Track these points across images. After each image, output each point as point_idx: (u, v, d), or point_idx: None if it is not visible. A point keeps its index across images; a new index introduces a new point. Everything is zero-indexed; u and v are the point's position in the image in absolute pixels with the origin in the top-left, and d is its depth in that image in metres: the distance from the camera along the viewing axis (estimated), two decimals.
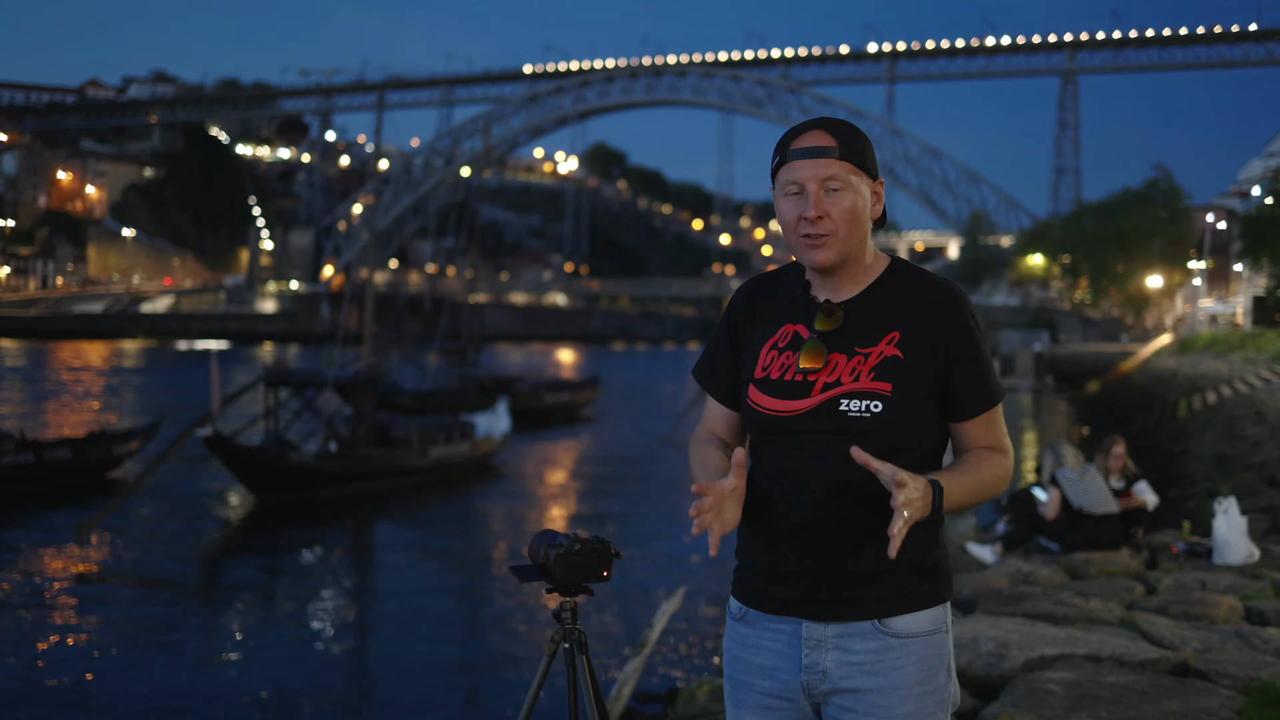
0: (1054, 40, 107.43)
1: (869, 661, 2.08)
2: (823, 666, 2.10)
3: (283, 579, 14.36)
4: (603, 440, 32.30)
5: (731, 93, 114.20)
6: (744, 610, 2.20)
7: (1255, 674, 4.73)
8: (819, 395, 2.08)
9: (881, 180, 2.19)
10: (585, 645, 2.47)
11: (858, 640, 2.08)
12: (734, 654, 2.21)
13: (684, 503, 21.14)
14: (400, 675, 10.00)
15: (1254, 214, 59.52)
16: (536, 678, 2.47)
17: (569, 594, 2.45)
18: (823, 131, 2.12)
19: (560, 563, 2.40)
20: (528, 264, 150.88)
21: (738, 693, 2.21)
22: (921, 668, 2.09)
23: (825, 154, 2.09)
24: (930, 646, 2.11)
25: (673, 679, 8.42)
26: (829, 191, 2.09)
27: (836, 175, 2.09)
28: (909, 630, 2.09)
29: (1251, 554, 7.75)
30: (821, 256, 2.10)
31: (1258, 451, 18.00)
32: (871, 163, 2.14)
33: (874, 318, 2.12)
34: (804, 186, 2.10)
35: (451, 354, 34.60)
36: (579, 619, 2.49)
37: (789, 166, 2.12)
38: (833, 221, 2.09)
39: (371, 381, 21.73)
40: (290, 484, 19.11)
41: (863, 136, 2.14)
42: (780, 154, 2.14)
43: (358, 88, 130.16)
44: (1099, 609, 6.15)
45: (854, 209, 2.10)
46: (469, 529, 18.91)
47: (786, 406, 2.11)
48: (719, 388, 2.29)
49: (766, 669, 2.15)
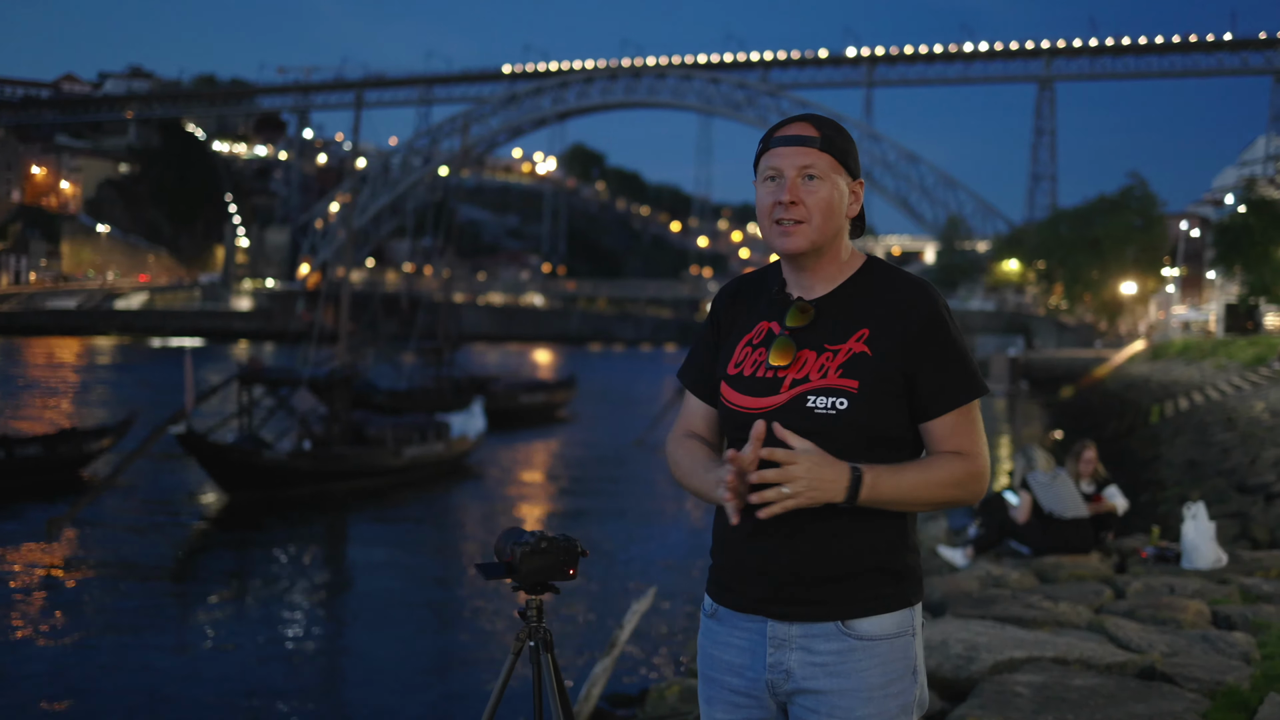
0: (1031, 47, 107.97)
1: (832, 663, 2.08)
2: (786, 666, 2.10)
3: (255, 577, 14.30)
4: (578, 441, 32.29)
5: (710, 95, 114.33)
6: (715, 607, 2.21)
7: (1221, 678, 4.77)
8: (787, 392, 2.09)
9: (861, 181, 2.19)
10: (551, 643, 2.47)
11: (821, 641, 2.08)
12: (706, 650, 2.23)
13: (657, 504, 21.18)
14: (369, 673, 9.98)
15: (1227, 222, 59.98)
16: (501, 675, 2.47)
17: (534, 592, 2.45)
18: (807, 123, 2.14)
19: (526, 561, 2.40)
20: (505, 264, 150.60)
21: (708, 689, 2.22)
22: (885, 670, 2.08)
23: (807, 143, 2.11)
24: (895, 649, 2.10)
25: (642, 680, 8.43)
26: (806, 179, 2.10)
27: (815, 165, 2.10)
28: (873, 633, 2.08)
29: (1219, 559, 7.81)
30: (791, 243, 2.11)
31: (1228, 458, 18.12)
32: (853, 162, 2.16)
33: (845, 315, 2.12)
34: (782, 172, 2.12)
35: (427, 353, 34.52)
36: (545, 617, 2.49)
37: (770, 153, 2.14)
38: (806, 209, 2.10)
39: (346, 380, 21.67)
40: (263, 482, 19.02)
41: (847, 135, 2.16)
42: (764, 142, 2.17)
43: (336, 86, 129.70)
44: (1068, 612, 6.19)
45: (829, 200, 2.11)
46: (442, 528, 18.88)
47: (756, 403, 2.11)
48: (700, 386, 2.29)
49: (735, 666, 2.16)
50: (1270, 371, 29.15)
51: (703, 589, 2.24)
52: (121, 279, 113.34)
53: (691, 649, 5.69)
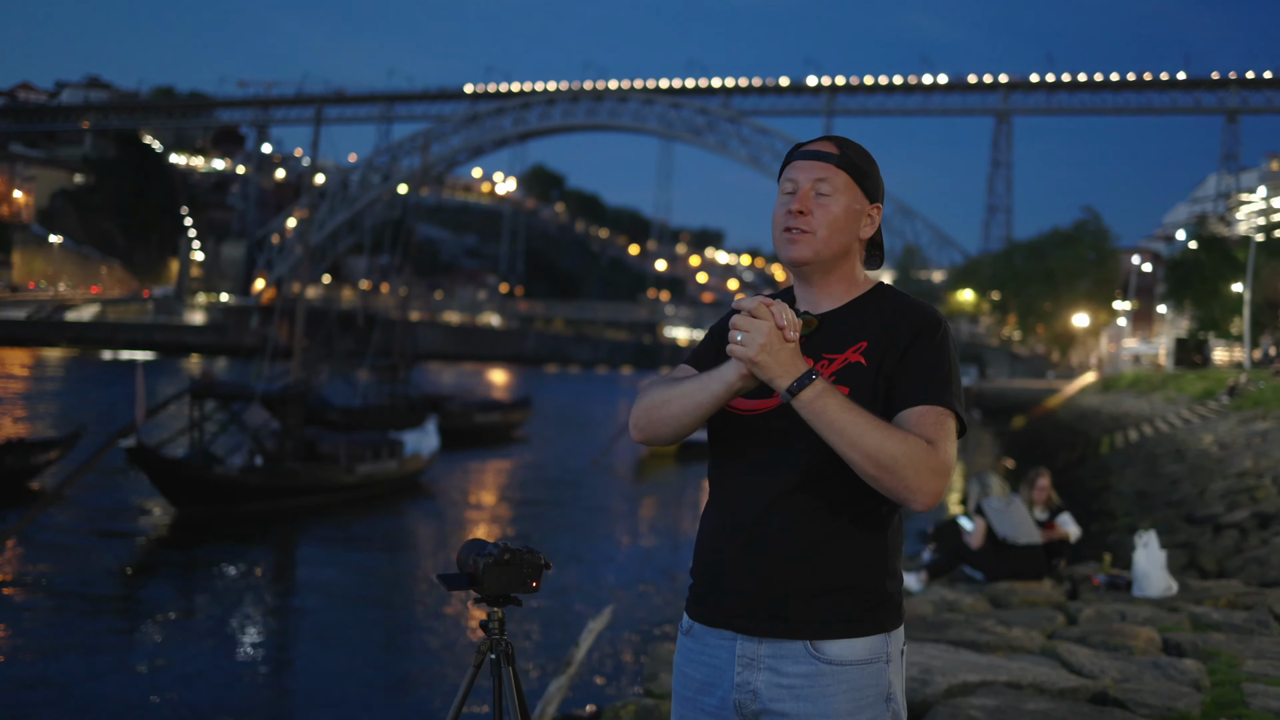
0: (989, 80, 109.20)
1: (799, 685, 2.05)
2: (754, 686, 2.07)
3: (204, 595, 14.11)
4: (532, 462, 32.19)
5: (672, 120, 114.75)
6: (691, 624, 2.19)
7: (1172, 704, 4.80)
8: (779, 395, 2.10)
9: (879, 205, 2.21)
10: (512, 656, 2.45)
11: (789, 662, 2.05)
12: (680, 669, 2.21)
13: (612, 525, 21.13)
14: (323, 692, 9.88)
15: (1178, 258, 60.85)
16: (461, 688, 2.44)
17: (497, 604, 2.43)
18: (830, 142, 2.20)
19: (489, 572, 2.38)
20: (463, 283, 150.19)
21: (682, 708, 2.19)
22: (853, 698, 2.04)
23: (824, 158, 2.16)
24: (866, 676, 2.05)
25: (598, 699, 8.38)
26: (819, 194, 2.15)
27: (829, 179, 2.15)
28: (843, 657, 2.05)
29: (1170, 587, 7.88)
30: (795, 251, 2.14)
31: (1177, 489, 18.33)
32: (871, 184, 2.19)
33: (847, 329, 2.14)
34: (798, 184, 2.16)
35: (382, 371, 34.37)
36: (506, 630, 2.47)
37: (791, 166, 2.19)
38: (814, 220, 2.13)
39: (300, 396, 21.51)
40: (214, 498, 18.81)
41: (869, 158, 2.20)
42: (788, 156, 2.22)
43: (296, 101, 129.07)
44: (1021, 637, 6.22)
45: (839, 215, 2.14)
46: (394, 546, 18.74)
47: (752, 405, 2.12)
48: (697, 362, 2.25)
49: (706, 684, 2.14)
50: (1218, 405, 29.51)
51: (660, 610, 2.22)
52: (73, 290, 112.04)
53: (649, 669, 5.67)
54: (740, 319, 1.98)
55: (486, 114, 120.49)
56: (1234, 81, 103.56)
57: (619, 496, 26.09)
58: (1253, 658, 5.78)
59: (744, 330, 1.96)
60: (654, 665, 5.72)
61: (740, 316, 1.99)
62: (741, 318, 1.99)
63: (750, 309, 1.98)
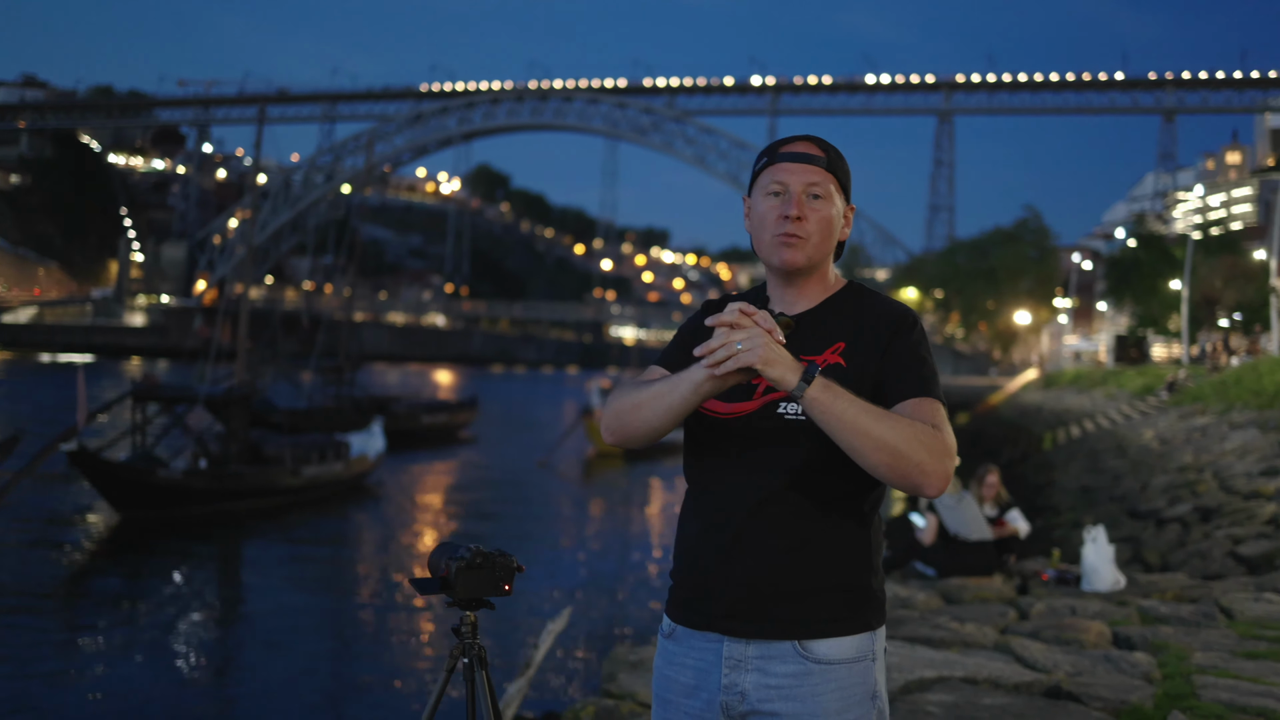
0: (931, 80, 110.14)
1: (787, 686, 2.05)
2: (741, 688, 2.07)
3: (148, 600, 13.90)
4: (480, 462, 32.07)
5: (617, 120, 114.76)
6: (673, 627, 2.18)
7: (1125, 697, 4.86)
8: (760, 398, 2.09)
9: (854, 206, 2.24)
10: (485, 660, 2.43)
11: (778, 663, 2.05)
12: (661, 672, 2.19)
13: (563, 526, 21.09)
14: (271, 698, 9.76)
15: (1117, 256, 61.68)
16: (435, 693, 2.42)
17: (469, 607, 2.40)
18: (813, 143, 2.18)
19: (461, 576, 2.36)
20: (407, 284, 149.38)
21: (664, 711, 2.18)
22: (841, 696, 2.05)
23: (814, 161, 2.15)
24: (853, 675, 2.07)
25: (557, 700, 8.36)
26: (811, 198, 2.14)
27: (820, 184, 2.15)
28: (830, 656, 2.05)
29: (1118, 581, 7.98)
30: (792, 256, 2.14)
31: (1119, 484, 18.58)
32: (849, 186, 2.21)
33: (823, 329, 2.14)
34: (788, 188, 2.14)
35: (327, 372, 34.10)
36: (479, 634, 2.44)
37: (776, 168, 2.16)
38: (810, 225, 2.13)
39: (244, 398, 21.29)
40: (158, 501, 18.58)
41: (846, 161, 2.20)
42: (769, 156, 2.19)
43: (238, 100, 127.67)
44: (974, 633, 6.27)
45: (830, 220, 2.16)
46: (342, 549, 18.58)
47: (730, 409, 2.11)
48: (668, 363, 2.23)
49: (689, 687, 2.13)
50: (1158, 401, 29.96)
51: (617, 611, 2.21)
52: (10, 292, 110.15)
53: (607, 670, 5.66)
54: (734, 329, 1.95)
55: (431, 113, 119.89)
56: (1170, 82, 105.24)
57: (567, 497, 26.05)
58: (1201, 650, 5.85)
59: (742, 338, 1.94)
60: (612, 666, 5.71)
61: (733, 325, 1.96)
62: (735, 326, 1.95)
63: (737, 317, 1.96)
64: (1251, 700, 4.70)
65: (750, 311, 1.99)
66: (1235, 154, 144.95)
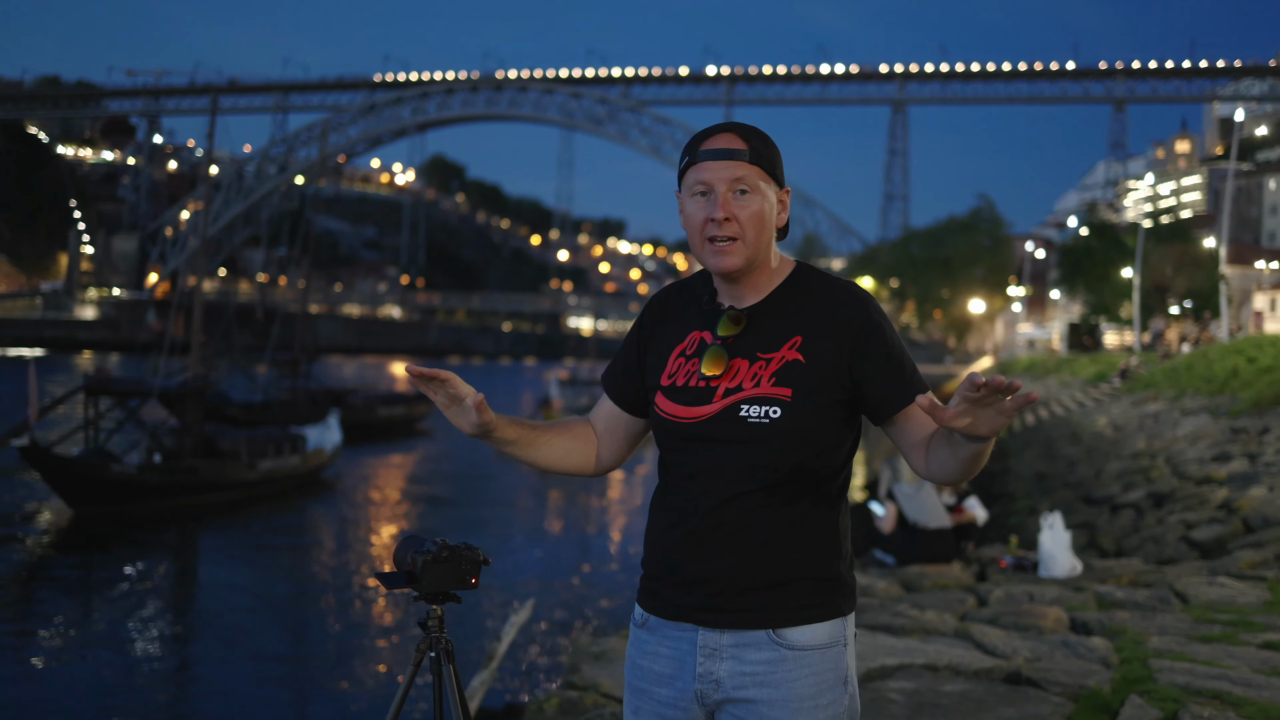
0: (885, 70, 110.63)
1: (762, 672, 2.05)
2: (716, 676, 2.07)
3: (102, 596, 13.76)
4: (438, 455, 31.95)
5: (572, 110, 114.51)
6: (646, 617, 2.17)
7: (1083, 682, 4.90)
8: (720, 401, 2.06)
9: (788, 189, 2.15)
10: (452, 654, 2.41)
11: (752, 650, 2.05)
12: (634, 661, 2.19)
13: (522, 518, 21.06)
14: (229, 694, 9.69)
15: (1070, 244, 62.24)
16: (402, 687, 2.40)
17: (436, 601, 2.38)
18: (734, 134, 2.09)
19: (428, 570, 2.34)
20: (362, 275, 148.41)
21: (636, 700, 2.17)
22: (815, 681, 2.06)
23: (735, 156, 2.06)
24: (826, 660, 2.07)
25: (521, 692, 8.35)
26: (737, 194, 2.06)
27: (745, 178, 2.06)
28: (804, 642, 2.06)
29: (1075, 568, 8.07)
30: (727, 262, 2.07)
31: (1074, 471, 18.77)
32: (780, 170, 2.12)
33: (777, 323, 2.09)
34: (712, 187, 2.07)
35: (283, 365, 33.82)
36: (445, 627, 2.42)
37: (698, 167, 2.08)
38: (739, 225, 2.06)
39: (199, 392, 21.09)
40: (111, 497, 18.37)
41: (773, 144, 2.12)
42: (690, 154, 2.11)
43: (188, 90, 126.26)
44: (934, 620, 6.31)
45: (761, 213, 2.07)
46: (299, 543, 18.46)
47: (689, 413, 2.09)
48: (614, 384, 2.28)
49: (663, 676, 2.12)
50: (1111, 388, 30.28)
51: (578, 602, 2.21)
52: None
53: (571, 661, 5.65)
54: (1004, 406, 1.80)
55: (384, 104, 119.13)
56: (1121, 71, 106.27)
57: (526, 488, 26.00)
58: (1156, 634, 5.92)
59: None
60: (575, 657, 5.71)
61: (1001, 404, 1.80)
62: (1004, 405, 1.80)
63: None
64: (1207, 683, 4.76)
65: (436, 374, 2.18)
66: (1184, 143, 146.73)
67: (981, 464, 1.94)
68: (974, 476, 2.01)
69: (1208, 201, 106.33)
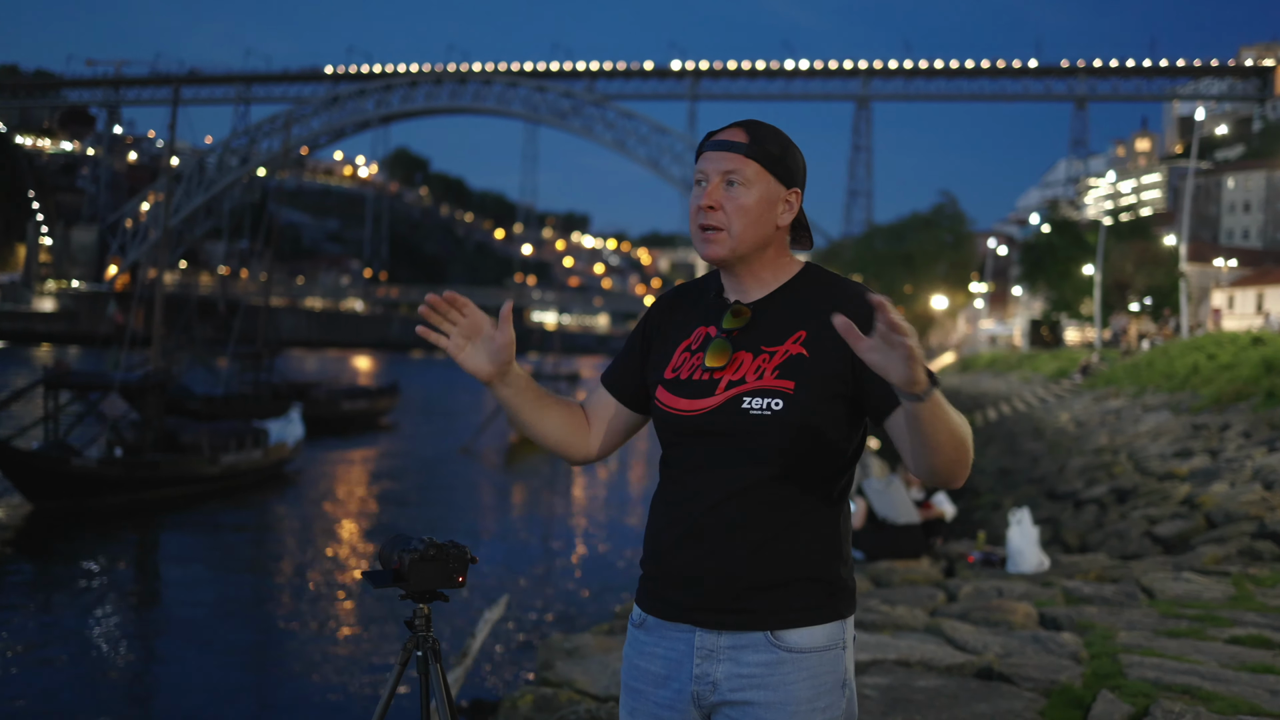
0: (849, 67, 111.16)
1: (759, 675, 2.02)
2: (713, 678, 2.05)
3: (62, 592, 13.58)
4: (401, 450, 31.81)
5: (536, 103, 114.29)
6: (644, 617, 2.14)
7: (1055, 677, 4.93)
8: (722, 394, 2.04)
9: (798, 190, 2.14)
10: (439, 653, 2.38)
11: (750, 652, 2.03)
12: (631, 661, 2.16)
13: (487, 513, 20.99)
14: (191, 691, 9.60)
15: (1031, 241, 62.68)
16: (388, 686, 2.37)
17: (422, 600, 2.36)
18: (740, 129, 2.10)
19: (414, 568, 2.31)
20: (325, 269, 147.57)
21: (632, 701, 2.15)
22: (813, 684, 2.03)
23: (733, 148, 2.07)
24: (825, 663, 2.04)
25: (494, 689, 8.31)
26: (728, 185, 2.07)
27: (739, 170, 2.06)
28: (802, 645, 2.03)
29: (1042, 563, 8.11)
30: (710, 250, 2.08)
31: (1038, 466, 18.90)
32: (785, 170, 2.11)
33: (782, 317, 2.08)
34: (707, 176, 2.09)
35: (245, 358, 33.58)
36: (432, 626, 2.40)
37: (702, 157, 2.11)
38: (725, 215, 2.06)
39: (160, 385, 20.91)
40: (72, 491, 18.19)
41: (784, 143, 2.12)
42: (701, 145, 2.14)
43: (149, 81, 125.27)
44: (905, 615, 6.33)
45: (750, 207, 2.07)
46: (262, 539, 18.33)
47: (691, 405, 2.07)
48: (612, 376, 2.26)
49: (660, 677, 2.10)
50: (1072, 384, 30.52)
51: (546, 598, 2.18)
52: None
53: (543, 658, 5.63)
54: (893, 315, 1.76)
55: (348, 96, 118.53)
56: (1082, 70, 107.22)
57: (491, 484, 25.95)
58: (1125, 629, 5.96)
59: (895, 341, 1.76)
60: (548, 654, 5.68)
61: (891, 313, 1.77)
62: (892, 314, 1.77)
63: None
64: (1177, 678, 4.79)
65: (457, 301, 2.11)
66: (1145, 141, 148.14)
67: (946, 442, 1.85)
68: (960, 465, 1.90)
69: (1167, 199, 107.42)
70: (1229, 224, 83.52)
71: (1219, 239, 79.74)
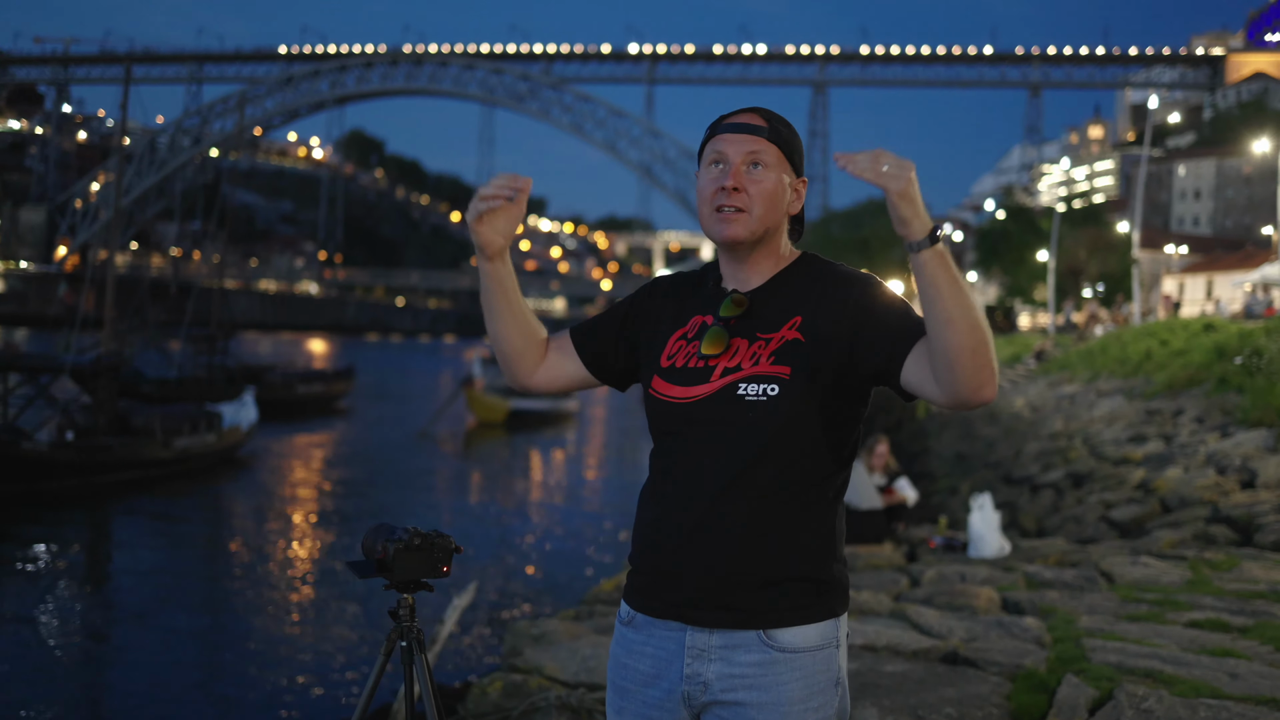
0: (806, 52, 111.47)
1: (751, 675, 2.00)
2: (704, 678, 2.02)
3: (13, 578, 13.38)
4: (358, 434, 31.65)
5: (493, 86, 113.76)
6: (632, 614, 2.11)
7: (1019, 661, 4.96)
8: (718, 380, 2.02)
9: (805, 180, 2.14)
10: (423, 643, 2.35)
11: (741, 652, 2.00)
12: (619, 659, 2.13)
13: (445, 498, 20.91)
14: (143, 679, 9.49)
15: (986, 227, 63.12)
16: (372, 676, 2.34)
17: (407, 590, 2.33)
18: (756, 113, 2.09)
19: (400, 558, 2.28)
20: (279, 251, 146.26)
21: (620, 700, 2.12)
22: (806, 684, 2.00)
23: (755, 131, 2.06)
24: (817, 662, 2.02)
25: (462, 675, 8.27)
26: (751, 167, 2.05)
27: (762, 153, 2.05)
28: (795, 645, 2.00)
29: (1003, 548, 8.18)
30: (731, 230, 2.05)
31: (994, 451, 19.06)
32: (798, 158, 2.11)
33: (778, 304, 2.06)
34: (727, 158, 2.06)
35: (198, 341, 33.23)
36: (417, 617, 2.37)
37: (717, 139, 2.08)
38: (749, 197, 2.04)
39: (112, 368, 20.69)
40: (22, 475, 17.95)
41: (795, 131, 2.11)
42: (712, 128, 2.10)
43: (99, 59, 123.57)
44: (870, 601, 6.36)
45: (773, 191, 2.05)
46: (216, 523, 18.18)
47: (686, 393, 2.04)
48: (582, 334, 2.24)
49: (649, 676, 2.07)
50: (1027, 370, 30.78)
51: (510, 584, 2.15)
52: None
53: (510, 644, 5.61)
54: (879, 153, 1.81)
55: (302, 76, 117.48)
56: (1037, 57, 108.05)
57: (449, 469, 25.85)
58: (1086, 613, 6.02)
59: (891, 162, 1.79)
60: (514, 640, 5.66)
61: (877, 151, 1.81)
62: (879, 152, 1.81)
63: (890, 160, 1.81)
64: (1139, 662, 4.84)
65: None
66: (1098, 128, 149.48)
67: (960, 317, 1.81)
68: (980, 355, 1.82)
69: (1120, 186, 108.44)
70: (1180, 211, 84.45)
71: (1170, 226, 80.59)
